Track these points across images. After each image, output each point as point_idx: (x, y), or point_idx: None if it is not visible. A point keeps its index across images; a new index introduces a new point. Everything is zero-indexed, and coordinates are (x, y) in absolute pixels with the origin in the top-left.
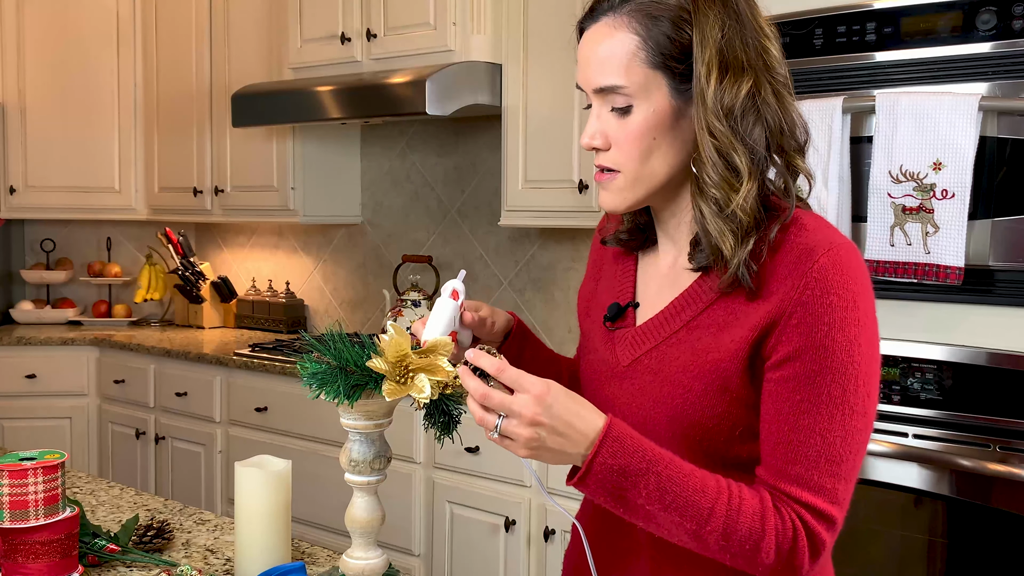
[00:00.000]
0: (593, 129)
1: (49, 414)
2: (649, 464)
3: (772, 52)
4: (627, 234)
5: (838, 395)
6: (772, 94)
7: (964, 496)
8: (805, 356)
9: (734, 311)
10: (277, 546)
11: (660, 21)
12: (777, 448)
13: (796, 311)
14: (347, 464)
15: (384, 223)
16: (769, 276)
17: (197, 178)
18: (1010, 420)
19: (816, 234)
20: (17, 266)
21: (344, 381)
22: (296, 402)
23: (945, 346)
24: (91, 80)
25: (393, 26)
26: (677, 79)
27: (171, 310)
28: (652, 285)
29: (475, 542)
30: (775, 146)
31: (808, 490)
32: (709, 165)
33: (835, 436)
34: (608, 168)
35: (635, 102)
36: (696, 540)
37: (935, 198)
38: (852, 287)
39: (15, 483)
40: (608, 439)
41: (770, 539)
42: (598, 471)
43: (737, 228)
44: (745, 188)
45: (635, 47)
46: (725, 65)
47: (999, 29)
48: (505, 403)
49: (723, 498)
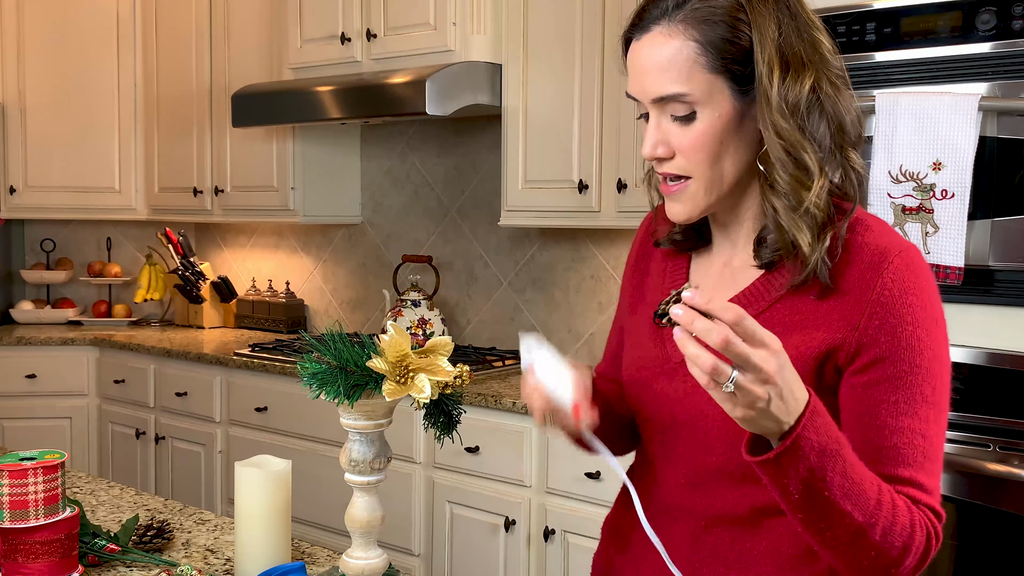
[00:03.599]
0: (655, 139)
1: (49, 414)
2: (839, 445)
3: (825, 44)
4: (681, 235)
5: (930, 394)
6: (832, 88)
7: (964, 496)
8: (894, 358)
9: (802, 311)
10: (277, 546)
11: (716, 25)
12: (879, 452)
13: (877, 312)
14: (347, 464)
15: (384, 223)
16: (841, 276)
17: (197, 178)
18: (1010, 420)
19: (884, 236)
20: (17, 266)
21: (344, 381)
22: (296, 402)
23: None
24: (91, 80)
25: (393, 26)
26: (738, 81)
27: (171, 310)
28: (706, 283)
29: (475, 542)
30: (838, 144)
31: (925, 492)
32: (779, 165)
33: (932, 435)
34: (677, 176)
35: (699, 108)
36: (857, 537)
37: (935, 198)
38: (928, 287)
39: (15, 483)
40: (815, 414)
41: (917, 541)
42: (801, 446)
43: (813, 224)
44: (817, 185)
45: (695, 53)
46: (786, 62)
47: (999, 29)
48: (748, 354)
49: (884, 488)
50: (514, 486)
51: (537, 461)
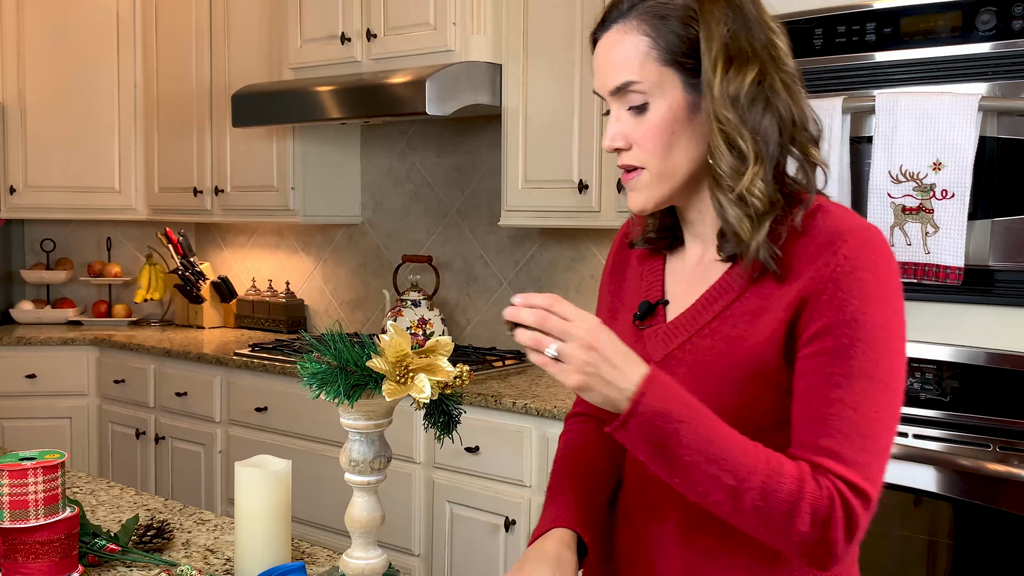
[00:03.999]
0: (613, 131)
1: (49, 414)
2: (692, 412)
3: (780, 46)
4: (655, 233)
5: (870, 369)
6: (782, 85)
7: (964, 496)
8: (837, 330)
9: (766, 296)
10: (277, 546)
11: (668, 20)
12: (810, 423)
13: (828, 287)
14: (347, 464)
15: (384, 223)
16: (797, 259)
17: (197, 178)
18: (1010, 420)
19: (845, 219)
20: (17, 266)
21: (344, 381)
22: (296, 402)
23: (945, 346)
24: (91, 80)
25: (393, 26)
26: (688, 74)
27: (171, 310)
28: (681, 282)
29: (475, 542)
30: (788, 137)
31: (843, 464)
32: (719, 154)
33: (868, 410)
34: (632, 166)
35: (651, 99)
36: (732, 499)
37: (935, 198)
38: (883, 266)
39: (15, 483)
40: (656, 383)
41: (806, 505)
42: (644, 413)
43: (752, 212)
44: (751, 171)
45: (647, 47)
46: (730, 57)
47: (999, 29)
48: (563, 326)
49: (763, 457)
50: (514, 486)
51: (537, 461)
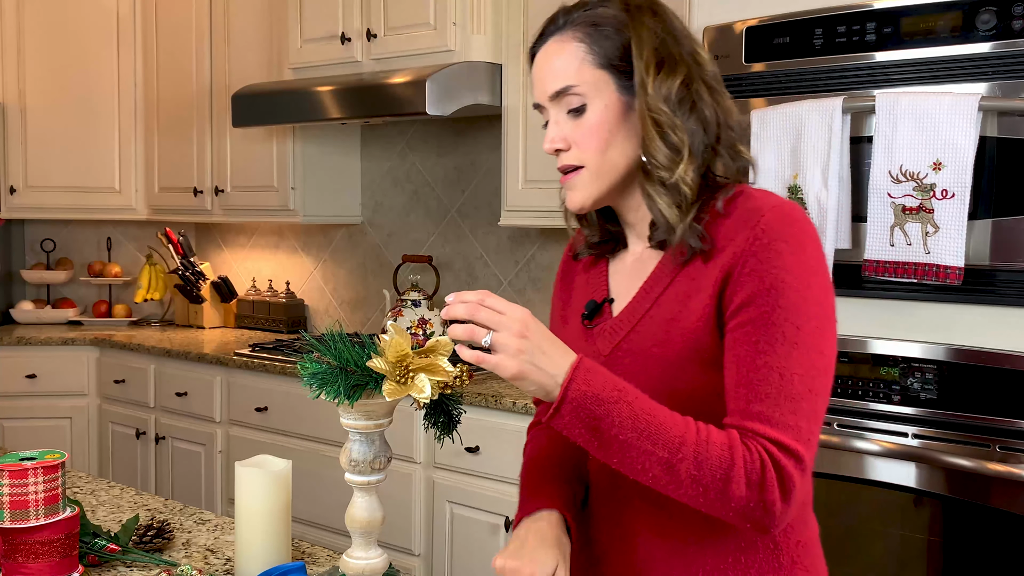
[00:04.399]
0: (553, 134)
1: (49, 414)
2: (620, 393)
3: (701, 54)
4: (598, 238)
5: (792, 333)
6: (705, 88)
7: (964, 496)
8: (759, 299)
9: (695, 278)
10: (277, 546)
11: (602, 28)
12: (738, 390)
13: (748, 260)
14: (347, 464)
15: (384, 223)
16: (720, 238)
17: (197, 178)
18: (1010, 420)
19: (765, 199)
20: (17, 266)
21: (344, 381)
22: (296, 402)
23: (945, 346)
24: (91, 80)
25: (393, 26)
26: (622, 77)
27: (171, 310)
28: (623, 280)
29: (475, 542)
30: (713, 136)
31: (771, 426)
32: (654, 146)
33: (793, 373)
34: (572, 166)
35: (588, 100)
36: (668, 472)
37: (935, 198)
38: (800, 236)
39: (15, 483)
40: (581, 368)
41: (739, 469)
42: (574, 398)
43: (681, 200)
44: (685, 163)
45: (583, 53)
46: (660, 61)
47: (999, 29)
48: (495, 316)
49: (692, 427)
50: (514, 486)
51: None
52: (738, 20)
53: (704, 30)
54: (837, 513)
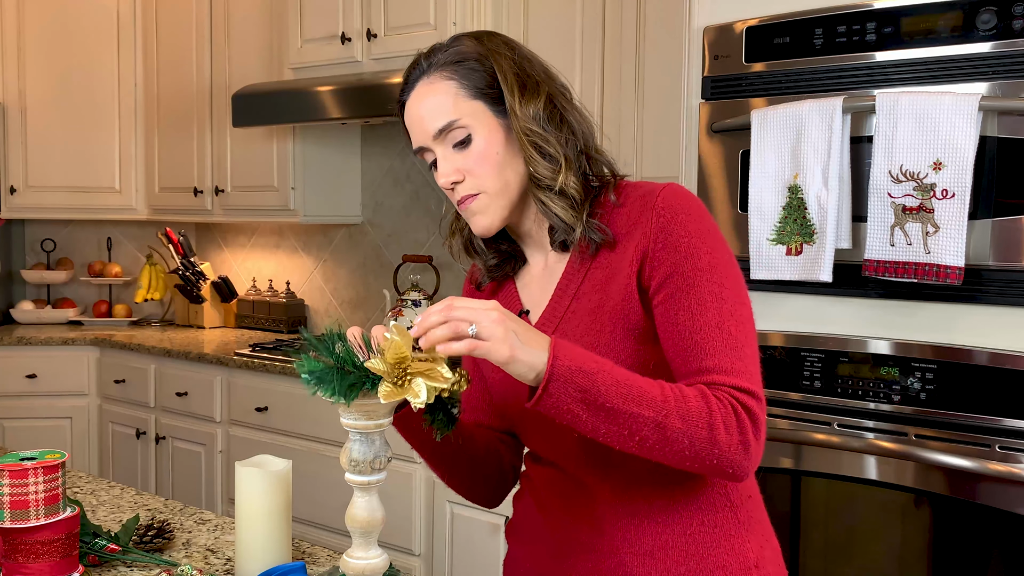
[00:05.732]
0: (446, 169)
1: (49, 414)
2: (599, 363)
3: (551, 71)
4: (495, 259)
5: (717, 291)
6: (565, 100)
7: (964, 496)
8: (678, 269)
9: (608, 265)
10: (277, 546)
11: (465, 63)
12: (686, 353)
13: (658, 237)
14: (347, 464)
15: (384, 223)
16: (622, 224)
17: (197, 178)
18: (1010, 420)
19: (648, 184)
20: (17, 266)
21: (340, 380)
22: (296, 402)
23: (945, 346)
24: (91, 80)
25: (393, 26)
26: (494, 103)
27: (171, 310)
28: (535, 290)
29: (475, 542)
30: (583, 141)
31: (727, 374)
32: (535, 162)
33: (730, 326)
34: (471, 194)
35: (472, 130)
36: (659, 430)
37: (935, 198)
38: (696, 207)
39: (15, 483)
40: (560, 345)
41: (718, 416)
42: (561, 373)
43: (572, 202)
44: (564, 171)
45: (455, 88)
46: (523, 84)
47: (999, 29)
48: (470, 312)
49: (667, 388)
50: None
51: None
52: (738, 20)
53: (704, 30)
54: (837, 513)
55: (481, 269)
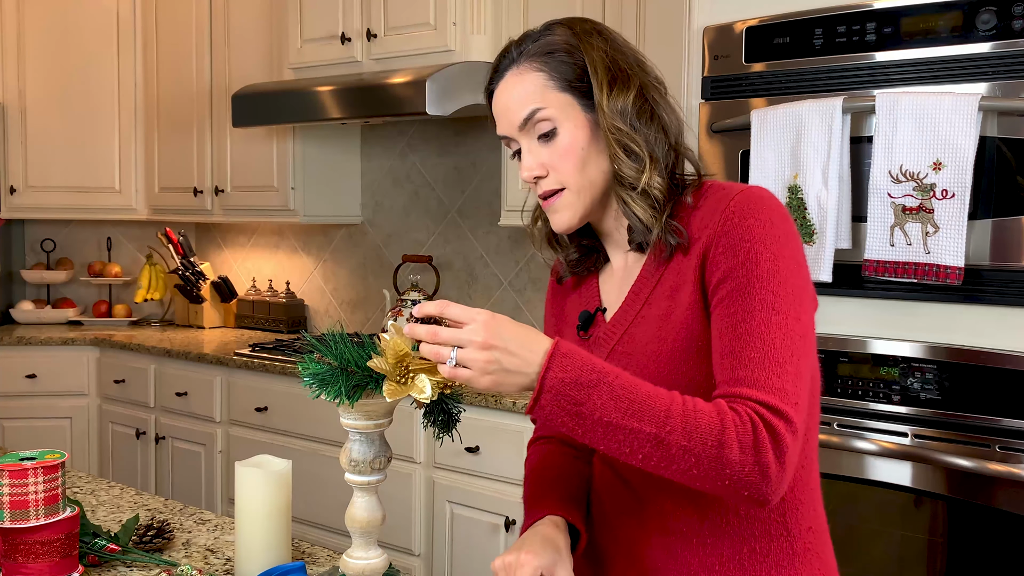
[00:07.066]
0: (530, 162)
1: (49, 414)
2: (600, 375)
3: (646, 63)
4: (577, 253)
5: (770, 301)
6: (657, 93)
7: (964, 496)
8: (734, 273)
9: (679, 271)
10: (277, 546)
11: (555, 55)
12: (723, 361)
13: (720, 240)
14: (347, 464)
15: (384, 223)
16: (696, 229)
17: (197, 178)
18: (1010, 420)
19: (732, 186)
20: (17, 266)
21: (345, 381)
22: (296, 402)
23: (945, 346)
24: (91, 80)
25: (393, 26)
26: (583, 97)
27: (171, 310)
28: (613, 289)
29: (475, 542)
30: (675, 138)
31: (757, 389)
32: (620, 160)
33: (774, 338)
34: (553, 190)
35: (558, 124)
36: (658, 447)
37: (935, 198)
38: (769, 212)
39: (15, 483)
40: (557, 355)
41: (731, 433)
42: (551, 386)
43: (654, 203)
44: (648, 170)
45: (543, 79)
46: (613, 78)
47: (999, 29)
48: (454, 334)
49: (677, 399)
50: (514, 486)
51: None
52: (738, 20)
53: (704, 30)
54: (837, 513)
55: (562, 263)
